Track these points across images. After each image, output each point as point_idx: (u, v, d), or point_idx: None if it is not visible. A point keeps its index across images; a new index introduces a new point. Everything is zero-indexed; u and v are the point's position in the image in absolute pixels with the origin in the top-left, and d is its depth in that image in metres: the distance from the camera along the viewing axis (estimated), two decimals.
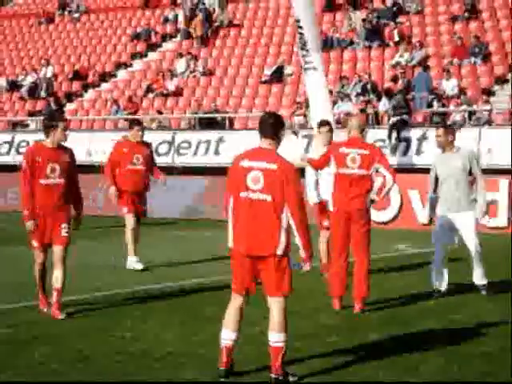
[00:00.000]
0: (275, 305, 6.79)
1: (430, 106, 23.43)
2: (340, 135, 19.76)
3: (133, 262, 12.90)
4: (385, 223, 20.22)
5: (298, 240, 6.76)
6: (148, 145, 13.56)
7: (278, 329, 6.75)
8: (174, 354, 7.60)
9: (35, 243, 9.31)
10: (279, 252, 6.72)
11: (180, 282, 11.79)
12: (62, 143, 9.42)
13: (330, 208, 9.88)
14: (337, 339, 8.18)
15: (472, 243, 10.49)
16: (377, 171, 9.74)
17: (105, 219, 22.28)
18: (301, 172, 8.52)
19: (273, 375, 6.71)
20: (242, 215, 6.80)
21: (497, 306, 9.97)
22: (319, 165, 10.28)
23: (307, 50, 12.69)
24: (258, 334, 7.88)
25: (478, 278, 10.62)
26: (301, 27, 12.79)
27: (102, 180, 17.13)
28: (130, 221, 13.05)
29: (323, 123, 12.13)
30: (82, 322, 9.06)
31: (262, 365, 6.97)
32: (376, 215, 20.43)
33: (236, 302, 6.91)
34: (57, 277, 9.24)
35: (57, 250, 9.27)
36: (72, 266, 9.79)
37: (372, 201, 9.76)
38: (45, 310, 9.47)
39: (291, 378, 6.74)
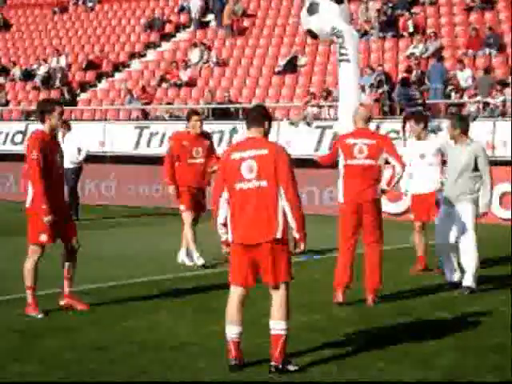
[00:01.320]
0: (275, 292, 6.78)
1: (448, 96, 23.31)
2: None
3: (194, 257, 12.38)
4: (398, 215, 20.20)
5: (290, 220, 6.72)
6: (207, 135, 12.86)
7: (279, 316, 6.73)
8: (187, 344, 7.62)
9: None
10: (278, 235, 6.70)
11: (193, 272, 11.81)
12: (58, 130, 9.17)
13: (340, 199, 9.76)
14: (349, 331, 8.18)
15: (464, 240, 10.14)
16: (387, 162, 9.71)
17: (117, 209, 22.38)
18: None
19: (272, 363, 6.70)
20: (239, 207, 6.80)
21: (508, 298, 9.92)
22: (327, 160, 10.26)
23: (342, 42, 12.70)
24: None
25: (468, 279, 10.17)
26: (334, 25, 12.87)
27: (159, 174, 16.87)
28: (187, 219, 12.41)
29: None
30: (95, 312, 9.09)
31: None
32: (390, 207, 20.44)
33: (236, 294, 6.88)
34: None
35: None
36: (86, 256, 9.81)
37: (383, 191, 9.69)
38: (39, 316, 8.91)
39: (291, 368, 6.73)
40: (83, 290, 10.06)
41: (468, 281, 10.11)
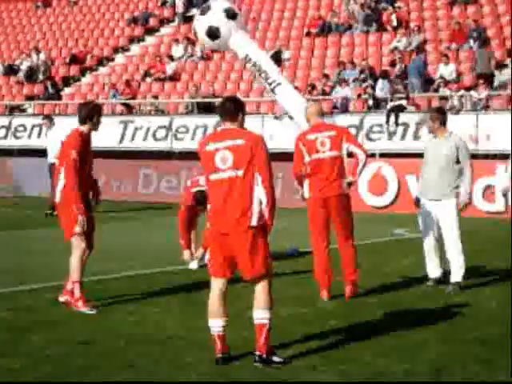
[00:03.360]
0: (258, 282, 6.80)
1: (436, 90, 23.39)
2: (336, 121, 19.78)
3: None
4: (382, 208, 20.28)
5: (264, 208, 6.73)
6: None
7: (262, 305, 6.76)
8: (175, 338, 7.64)
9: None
10: (253, 223, 6.71)
11: (180, 266, 11.82)
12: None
13: (306, 195, 9.62)
14: (335, 324, 8.22)
15: (449, 235, 10.09)
16: (350, 155, 9.59)
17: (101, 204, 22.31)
18: None
19: (257, 353, 6.73)
20: (215, 195, 6.84)
21: (494, 292, 10.00)
22: (298, 166, 9.59)
23: (266, 74, 12.51)
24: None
25: (455, 275, 10.13)
26: (249, 60, 12.51)
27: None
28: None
29: None
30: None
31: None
32: (373, 200, 20.52)
33: (217, 286, 6.88)
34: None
35: None
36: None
37: (349, 183, 9.60)
38: (88, 310, 8.90)
39: (276, 359, 6.75)
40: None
41: (456, 277, 10.13)
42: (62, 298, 9.20)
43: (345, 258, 9.64)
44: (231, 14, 11.94)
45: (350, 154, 9.66)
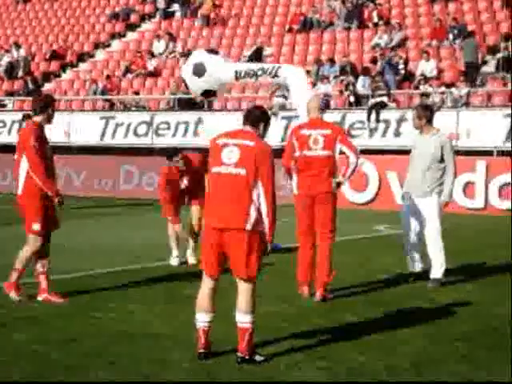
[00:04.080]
0: (242, 284, 6.80)
1: (416, 88, 23.49)
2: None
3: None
4: (363, 204, 20.35)
5: (264, 217, 6.71)
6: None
7: (245, 309, 6.76)
8: (159, 335, 7.64)
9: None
10: (248, 226, 6.70)
11: (162, 262, 11.82)
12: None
13: (295, 191, 9.60)
14: (319, 321, 8.24)
15: (430, 232, 10.14)
16: (341, 153, 9.53)
17: (82, 199, 22.30)
18: None
19: (239, 354, 6.76)
20: (215, 190, 6.84)
21: (476, 288, 10.07)
22: (288, 159, 9.60)
23: (262, 70, 12.51)
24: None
25: (435, 271, 10.20)
26: (240, 73, 12.47)
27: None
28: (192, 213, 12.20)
29: None
30: (66, 304, 9.05)
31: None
32: (355, 196, 20.58)
33: (208, 284, 6.90)
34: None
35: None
36: (55, 247, 9.77)
37: (338, 184, 9.50)
38: (18, 298, 9.16)
39: (258, 358, 6.78)
40: (53, 281, 10.04)
41: (436, 273, 10.19)
42: (40, 297, 9.22)
43: (320, 258, 9.51)
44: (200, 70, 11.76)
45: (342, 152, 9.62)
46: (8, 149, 25.94)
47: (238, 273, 6.79)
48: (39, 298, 9.22)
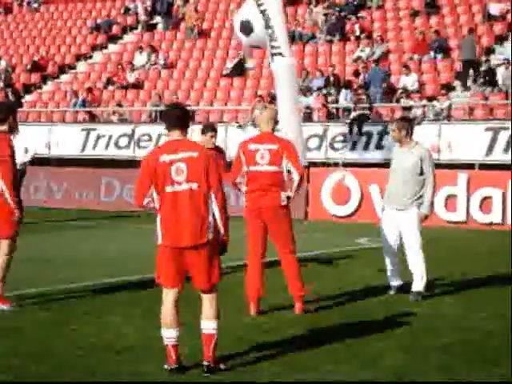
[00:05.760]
0: (207, 293, 6.79)
1: (397, 101, 23.54)
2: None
3: None
4: (345, 217, 20.31)
5: (219, 223, 6.70)
6: (220, 150, 11.84)
7: (211, 316, 6.76)
8: (135, 347, 7.56)
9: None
10: (210, 236, 6.68)
11: (140, 275, 11.73)
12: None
13: (244, 205, 9.42)
14: (296, 333, 8.19)
15: (411, 245, 10.08)
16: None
17: (62, 212, 22.19)
18: None
19: (205, 362, 6.73)
20: (170, 209, 6.72)
21: (456, 300, 10.05)
22: (235, 174, 9.36)
23: (274, 36, 12.41)
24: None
25: (417, 284, 10.10)
26: (264, 13, 12.45)
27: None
28: None
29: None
30: (42, 315, 8.96)
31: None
32: (336, 209, 20.55)
33: (170, 297, 6.84)
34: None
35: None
36: (33, 258, 9.68)
37: (288, 197, 9.26)
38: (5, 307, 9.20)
39: (222, 366, 6.77)
40: (29, 293, 9.94)
41: (417, 286, 10.14)
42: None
43: (288, 272, 9.36)
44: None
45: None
46: None
47: (202, 284, 6.77)
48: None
